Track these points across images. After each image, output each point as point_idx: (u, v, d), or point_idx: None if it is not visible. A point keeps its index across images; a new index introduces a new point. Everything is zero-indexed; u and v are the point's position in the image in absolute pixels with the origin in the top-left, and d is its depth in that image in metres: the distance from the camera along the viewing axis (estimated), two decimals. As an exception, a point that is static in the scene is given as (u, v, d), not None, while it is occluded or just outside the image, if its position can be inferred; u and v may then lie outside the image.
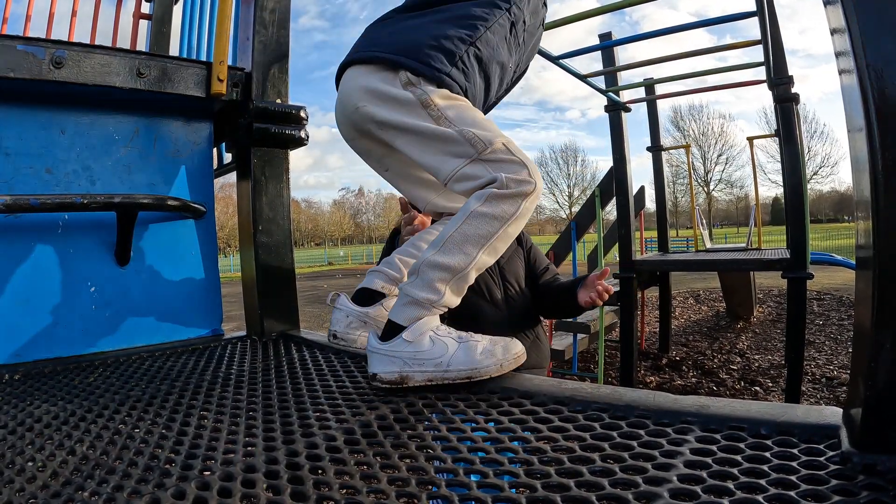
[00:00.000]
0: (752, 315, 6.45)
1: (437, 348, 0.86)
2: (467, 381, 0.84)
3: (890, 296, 0.46)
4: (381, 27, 1.06)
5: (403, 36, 0.99)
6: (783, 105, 3.68)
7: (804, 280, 3.41)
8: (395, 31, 1.01)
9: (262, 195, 1.48)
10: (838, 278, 8.61)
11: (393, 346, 0.86)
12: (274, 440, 0.67)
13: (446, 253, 0.87)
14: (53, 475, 0.61)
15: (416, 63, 0.94)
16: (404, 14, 1.05)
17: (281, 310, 1.49)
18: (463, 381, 0.84)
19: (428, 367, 0.85)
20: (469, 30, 0.99)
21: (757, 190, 6.87)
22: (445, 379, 0.84)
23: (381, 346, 0.86)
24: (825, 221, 41.65)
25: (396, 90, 0.94)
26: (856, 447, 0.49)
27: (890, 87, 0.46)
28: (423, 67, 0.94)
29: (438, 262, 0.87)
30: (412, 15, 1.04)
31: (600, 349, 4.04)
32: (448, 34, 0.97)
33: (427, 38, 0.97)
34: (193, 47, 1.80)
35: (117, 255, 1.34)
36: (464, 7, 1.02)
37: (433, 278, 0.87)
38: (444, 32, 0.98)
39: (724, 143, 39.98)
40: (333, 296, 1.12)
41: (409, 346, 0.85)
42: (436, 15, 1.02)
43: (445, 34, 0.98)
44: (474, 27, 0.99)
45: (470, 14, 1.00)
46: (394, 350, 0.86)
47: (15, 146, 1.22)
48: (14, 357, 1.20)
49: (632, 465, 0.53)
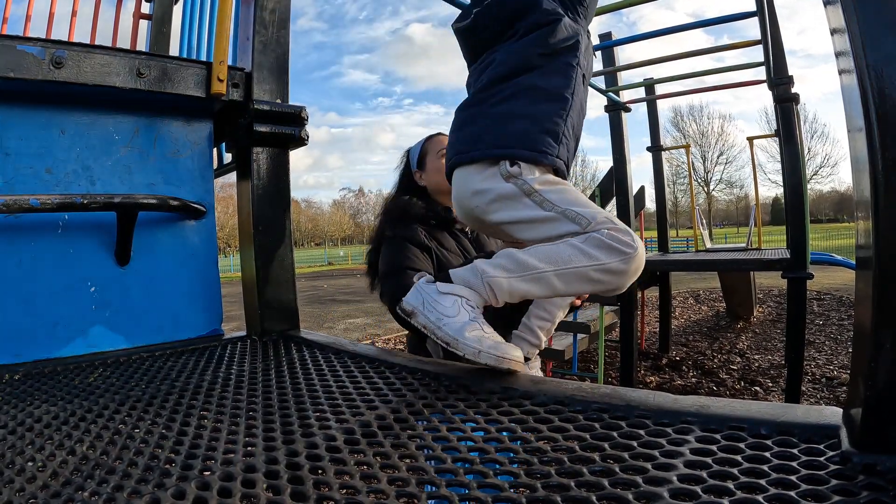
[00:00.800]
0: (752, 315, 6.45)
1: (450, 309, 0.91)
2: (445, 346, 0.89)
3: (890, 296, 0.46)
4: (475, 117, 1.08)
5: (504, 126, 1.02)
6: (783, 105, 3.68)
7: (804, 280, 3.41)
8: (494, 122, 1.03)
9: (262, 195, 1.48)
10: (838, 278, 8.62)
11: (428, 287, 0.95)
12: (274, 440, 0.67)
13: (526, 254, 0.93)
14: (53, 475, 0.61)
15: (529, 153, 0.99)
16: (489, 92, 1.07)
17: (281, 310, 1.49)
18: (442, 346, 0.90)
19: (431, 317, 0.92)
20: (562, 103, 1.04)
21: (757, 190, 6.87)
22: (434, 334, 0.90)
23: (421, 284, 0.97)
24: (825, 221, 41.67)
25: (500, 186, 0.99)
26: (856, 447, 0.49)
27: (890, 87, 0.46)
28: (539, 156, 1.00)
29: (514, 255, 0.93)
30: (500, 96, 1.05)
31: (600, 349, 4.04)
32: (547, 114, 1.02)
33: (530, 125, 1.01)
34: (193, 47, 1.80)
35: (117, 255, 1.34)
36: (546, 77, 1.05)
37: (502, 264, 0.93)
38: (543, 113, 1.02)
39: (724, 143, 40.00)
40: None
41: (437, 295, 0.93)
42: (526, 95, 1.03)
43: (545, 115, 1.02)
44: (565, 98, 1.04)
45: (556, 85, 1.04)
46: (426, 290, 0.95)
47: (15, 146, 1.22)
48: (14, 357, 1.20)
49: (632, 465, 0.53)
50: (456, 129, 1.10)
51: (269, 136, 1.45)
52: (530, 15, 1.07)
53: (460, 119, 1.10)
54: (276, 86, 1.49)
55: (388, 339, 6.11)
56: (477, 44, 1.16)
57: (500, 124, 1.03)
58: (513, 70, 1.06)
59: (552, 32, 1.05)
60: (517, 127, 1.02)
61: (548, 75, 1.05)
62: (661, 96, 5.36)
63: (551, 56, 1.06)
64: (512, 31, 1.09)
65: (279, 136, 1.47)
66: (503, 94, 1.05)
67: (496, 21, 1.11)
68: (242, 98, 1.44)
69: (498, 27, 1.11)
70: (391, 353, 1.11)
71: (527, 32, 1.07)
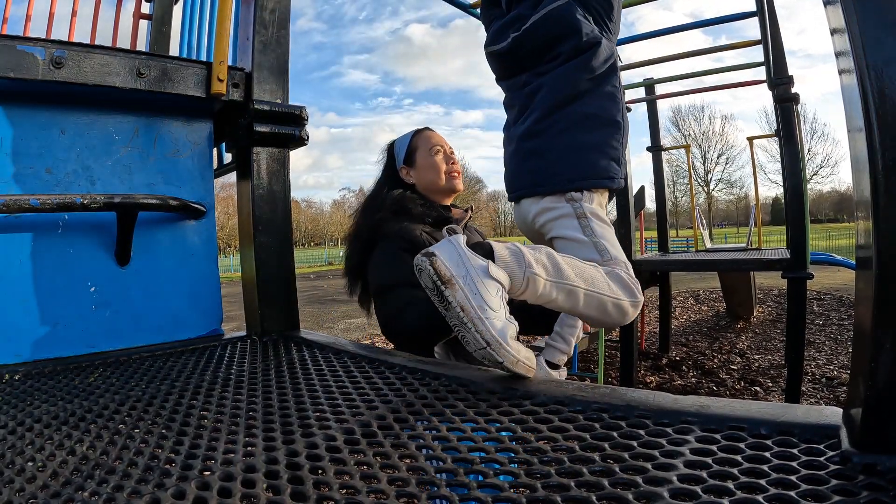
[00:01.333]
0: (752, 315, 6.44)
1: (495, 300, 0.80)
2: (482, 342, 0.77)
3: (890, 296, 0.46)
4: (542, 150, 1.16)
5: (574, 159, 1.12)
6: (783, 105, 3.68)
7: (804, 280, 3.41)
8: (562, 155, 1.13)
9: (262, 195, 1.48)
10: (838, 278, 8.61)
11: (475, 260, 0.81)
12: (274, 440, 0.67)
13: (565, 262, 0.95)
14: (53, 475, 0.61)
15: (599, 181, 1.12)
16: (548, 122, 1.15)
17: (281, 310, 1.49)
18: (475, 339, 0.78)
19: (473, 301, 0.77)
20: (616, 127, 1.15)
21: (757, 190, 6.87)
22: (470, 322, 0.77)
23: (464, 249, 0.82)
24: (825, 221, 41.65)
25: (562, 206, 1.12)
26: (856, 447, 0.49)
27: (890, 87, 0.46)
28: (608, 181, 1.13)
29: (555, 259, 0.94)
30: (560, 126, 1.14)
31: (600, 349, 4.04)
32: (608, 141, 1.14)
33: (598, 156, 1.13)
34: (193, 47, 1.80)
35: (117, 255, 1.34)
36: (598, 102, 1.15)
37: (544, 262, 0.91)
38: (604, 141, 1.14)
39: (724, 143, 40.00)
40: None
41: (486, 277, 0.81)
42: (585, 124, 1.13)
43: (606, 142, 1.14)
44: (618, 123, 1.15)
45: (610, 111, 1.15)
46: (473, 264, 0.80)
47: (15, 146, 1.22)
48: (14, 357, 1.20)
49: (632, 465, 0.53)
50: (522, 160, 1.19)
51: (269, 136, 1.45)
52: (572, 39, 1.12)
53: (525, 149, 1.18)
54: (277, 86, 1.48)
55: (388, 339, 6.10)
56: (513, 65, 1.23)
57: (570, 158, 1.12)
58: (566, 97, 1.13)
59: (594, 56, 1.12)
60: (586, 159, 1.12)
61: (598, 100, 1.14)
62: (661, 96, 5.36)
63: (597, 80, 1.13)
64: (552, 54, 1.15)
65: (279, 136, 1.47)
66: (563, 125, 1.13)
67: (537, 45, 1.16)
68: (242, 98, 1.44)
69: (538, 51, 1.16)
70: (391, 353, 1.11)
71: (570, 57, 1.12)
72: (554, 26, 1.12)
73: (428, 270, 0.79)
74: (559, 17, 1.12)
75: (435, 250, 0.81)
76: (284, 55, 1.51)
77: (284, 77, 1.51)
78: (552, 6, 1.13)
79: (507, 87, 1.27)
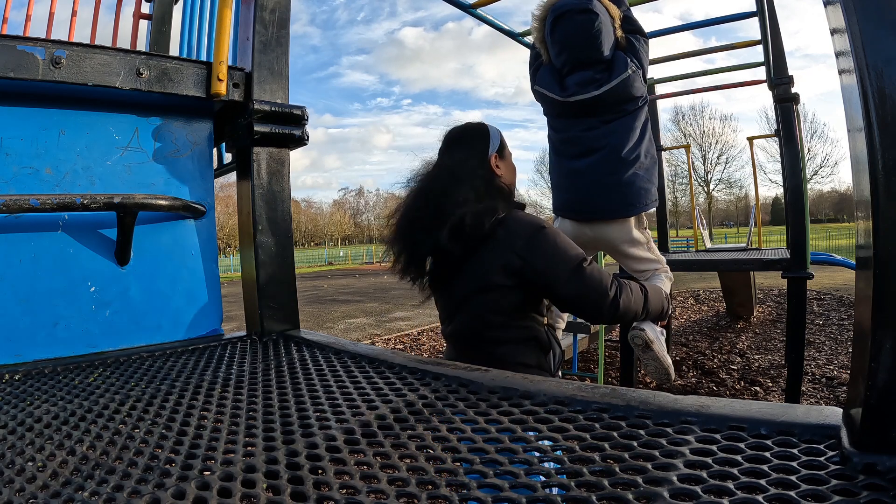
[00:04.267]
0: (752, 315, 6.44)
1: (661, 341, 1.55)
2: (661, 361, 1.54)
3: (890, 296, 0.46)
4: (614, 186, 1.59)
5: (637, 185, 1.58)
6: (783, 105, 3.67)
7: (804, 280, 3.40)
8: (630, 180, 1.57)
9: (262, 195, 1.47)
10: (838, 278, 8.62)
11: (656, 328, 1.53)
12: (274, 440, 0.67)
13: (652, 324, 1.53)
14: (53, 475, 0.61)
15: (652, 204, 1.64)
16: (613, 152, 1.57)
17: (281, 310, 1.49)
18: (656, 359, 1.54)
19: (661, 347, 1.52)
20: (656, 162, 1.65)
21: (757, 190, 6.86)
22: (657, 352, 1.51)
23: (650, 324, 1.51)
24: (825, 221, 41.65)
25: (637, 233, 1.67)
26: (856, 447, 0.49)
27: (890, 87, 0.46)
28: (654, 204, 1.63)
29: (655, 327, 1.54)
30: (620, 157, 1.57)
31: (600, 349, 4.04)
32: (653, 174, 1.62)
33: (649, 186, 1.62)
34: (193, 47, 1.80)
35: (117, 255, 1.34)
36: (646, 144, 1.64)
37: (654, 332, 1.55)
38: (651, 174, 1.61)
39: (724, 143, 40.01)
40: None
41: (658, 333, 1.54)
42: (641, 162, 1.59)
43: (652, 175, 1.61)
44: (656, 159, 1.64)
45: (653, 151, 1.64)
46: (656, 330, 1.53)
47: (15, 146, 1.22)
48: (14, 357, 1.20)
49: (632, 464, 0.53)
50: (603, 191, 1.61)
51: (270, 136, 1.45)
52: (635, 101, 1.59)
53: (605, 184, 1.60)
54: (277, 86, 1.48)
55: (388, 339, 6.11)
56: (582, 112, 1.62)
57: (634, 182, 1.58)
58: (633, 143, 1.58)
59: (643, 109, 1.62)
60: (643, 189, 1.60)
61: (645, 142, 1.61)
62: (661, 96, 5.36)
63: (643, 126, 1.61)
64: (619, 108, 1.58)
65: (279, 136, 1.47)
66: (628, 164, 1.57)
67: (611, 101, 1.56)
68: (242, 98, 1.44)
69: (610, 105, 1.57)
70: (391, 353, 1.11)
71: (630, 111, 1.59)
72: (624, 90, 1.52)
73: (641, 335, 1.48)
74: (631, 84, 1.53)
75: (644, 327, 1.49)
76: (284, 55, 1.51)
77: (284, 77, 1.51)
78: (625, 75, 1.52)
79: (569, 126, 1.66)
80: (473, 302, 1.22)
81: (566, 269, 1.14)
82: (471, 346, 1.25)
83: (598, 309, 1.16)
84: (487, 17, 2.83)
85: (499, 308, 1.20)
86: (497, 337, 1.22)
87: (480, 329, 1.23)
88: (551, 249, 1.15)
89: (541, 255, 1.14)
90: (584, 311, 1.19)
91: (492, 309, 1.20)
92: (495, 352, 1.22)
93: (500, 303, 1.20)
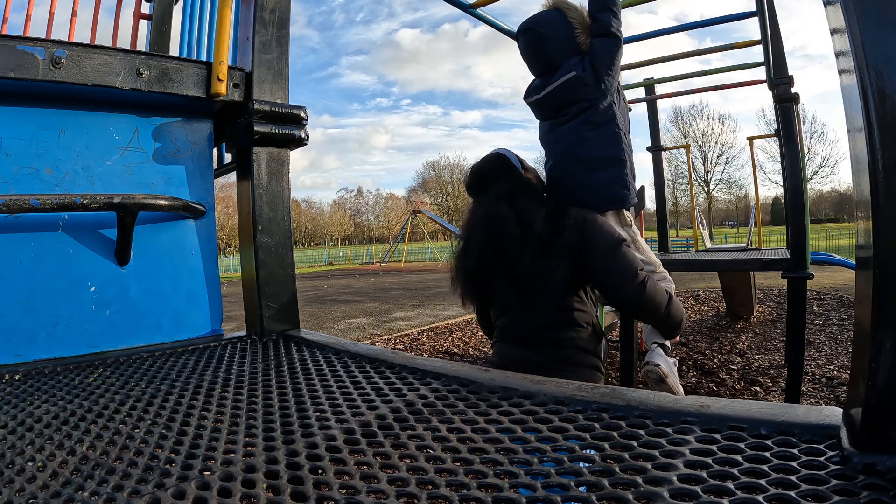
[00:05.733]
0: (752, 315, 6.44)
1: (675, 373, 1.50)
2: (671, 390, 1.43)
3: (890, 296, 0.46)
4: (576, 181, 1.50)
5: (595, 185, 1.48)
6: (783, 105, 3.67)
7: (804, 280, 3.40)
8: (583, 182, 1.49)
9: (262, 195, 1.47)
10: (838, 278, 8.62)
11: (670, 360, 1.49)
12: (274, 440, 0.67)
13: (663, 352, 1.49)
14: (53, 475, 0.61)
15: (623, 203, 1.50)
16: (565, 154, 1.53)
17: (281, 310, 1.49)
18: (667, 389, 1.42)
19: (675, 379, 1.47)
20: (619, 158, 1.50)
21: (757, 190, 6.87)
22: (670, 382, 1.44)
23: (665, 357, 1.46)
24: (825, 221, 41.65)
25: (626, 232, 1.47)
26: (856, 447, 0.49)
27: (890, 87, 0.46)
28: (627, 203, 1.49)
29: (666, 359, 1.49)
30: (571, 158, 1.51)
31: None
32: (611, 168, 1.48)
33: (610, 184, 1.48)
34: (193, 47, 1.80)
35: (117, 255, 1.34)
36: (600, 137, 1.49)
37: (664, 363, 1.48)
38: (608, 168, 1.49)
39: (724, 143, 40.02)
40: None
41: (672, 366, 1.49)
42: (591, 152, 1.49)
43: (609, 169, 1.49)
44: (621, 157, 1.49)
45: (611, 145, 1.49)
46: (670, 362, 1.49)
47: (15, 146, 1.22)
48: (14, 357, 1.20)
49: (632, 465, 0.53)
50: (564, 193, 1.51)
51: (270, 136, 1.45)
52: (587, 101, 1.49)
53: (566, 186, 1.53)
54: (276, 86, 1.48)
55: (388, 339, 6.11)
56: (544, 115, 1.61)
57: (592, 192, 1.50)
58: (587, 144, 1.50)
59: (598, 110, 1.48)
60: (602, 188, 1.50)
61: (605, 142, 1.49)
62: (661, 96, 5.37)
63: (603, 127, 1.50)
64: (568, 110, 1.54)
65: (279, 136, 1.47)
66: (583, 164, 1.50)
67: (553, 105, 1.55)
68: (242, 98, 1.44)
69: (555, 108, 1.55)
70: (391, 353, 1.11)
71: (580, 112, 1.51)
72: (570, 92, 1.48)
73: (655, 370, 1.43)
74: (577, 86, 1.47)
75: (659, 361, 1.44)
76: (284, 55, 1.51)
77: (284, 77, 1.51)
78: (567, 76, 1.47)
79: (540, 128, 1.67)
80: (537, 291, 1.32)
81: (605, 244, 1.28)
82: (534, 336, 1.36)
83: (626, 286, 1.26)
84: (487, 17, 2.82)
85: (562, 290, 1.32)
86: (566, 320, 1.34)
87: (544, 315, 1.34)
88: (598, 227, 1.31)
89: (589, 230, 1.30)
90: (612, 288, 1.30)
91: (556, 291, 1.32)
92: (558, 337, 1.34)
93: (561, 286, 1.32)
